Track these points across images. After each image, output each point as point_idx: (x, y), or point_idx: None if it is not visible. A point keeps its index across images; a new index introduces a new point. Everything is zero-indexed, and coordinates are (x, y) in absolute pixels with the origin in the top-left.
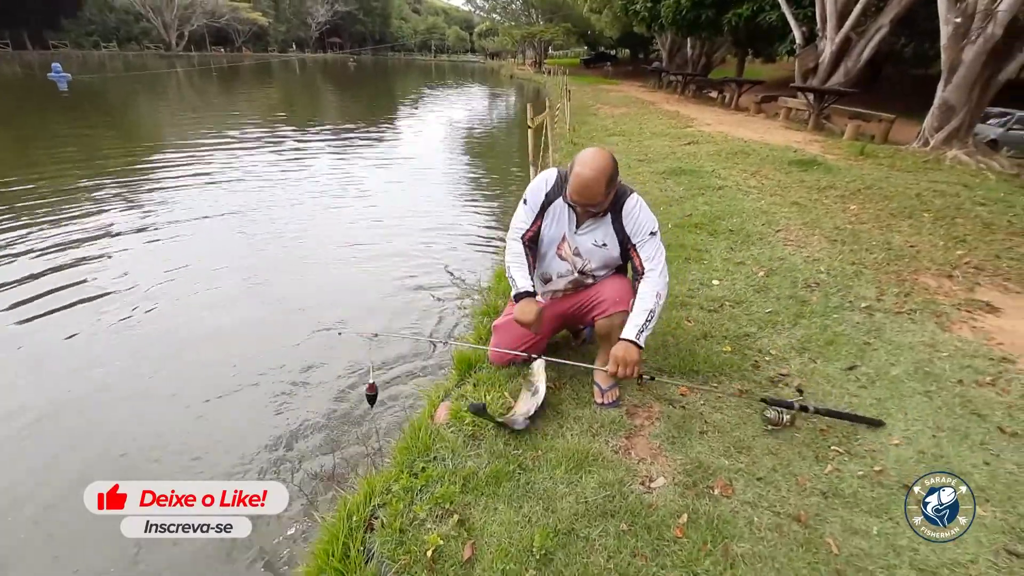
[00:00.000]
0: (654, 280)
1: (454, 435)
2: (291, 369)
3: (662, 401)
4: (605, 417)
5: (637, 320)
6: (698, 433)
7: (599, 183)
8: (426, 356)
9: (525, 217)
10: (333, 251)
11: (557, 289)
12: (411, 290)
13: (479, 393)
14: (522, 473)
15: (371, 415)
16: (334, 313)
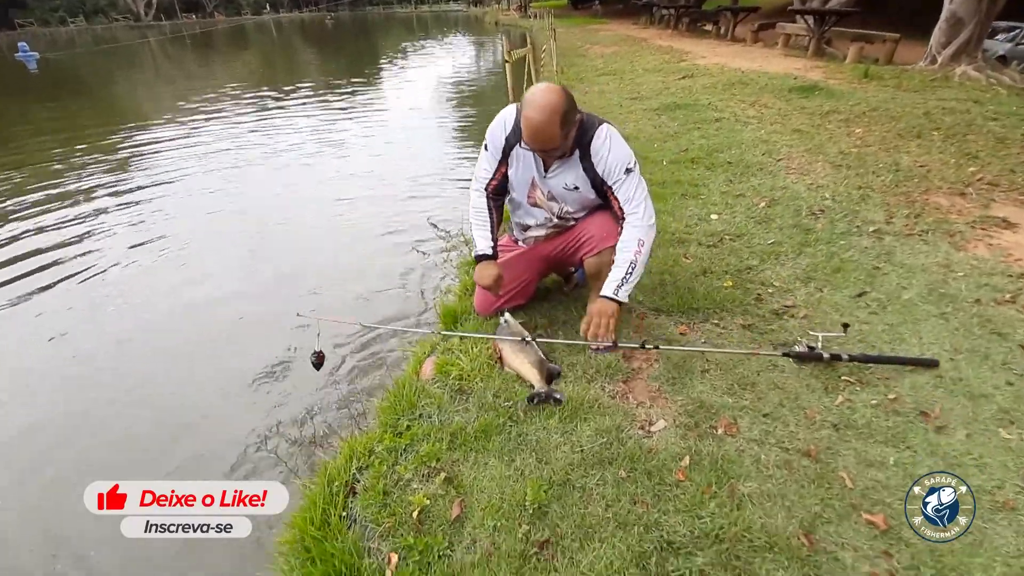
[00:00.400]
0: (636, 225)
1: (440, 391)
2: (272, 340)
3: (659, 341)
4: (601, 362)
5: (616, 274)
6: (699, 372)
7: (551, 125)
8: (411, 313)
9: (487, 165)
10: (316, 210)
11: (538, 236)
12: (395, 246)
13: (466, 346)
14: (513, 425)
15: (353, 378)
16: (318, 276)
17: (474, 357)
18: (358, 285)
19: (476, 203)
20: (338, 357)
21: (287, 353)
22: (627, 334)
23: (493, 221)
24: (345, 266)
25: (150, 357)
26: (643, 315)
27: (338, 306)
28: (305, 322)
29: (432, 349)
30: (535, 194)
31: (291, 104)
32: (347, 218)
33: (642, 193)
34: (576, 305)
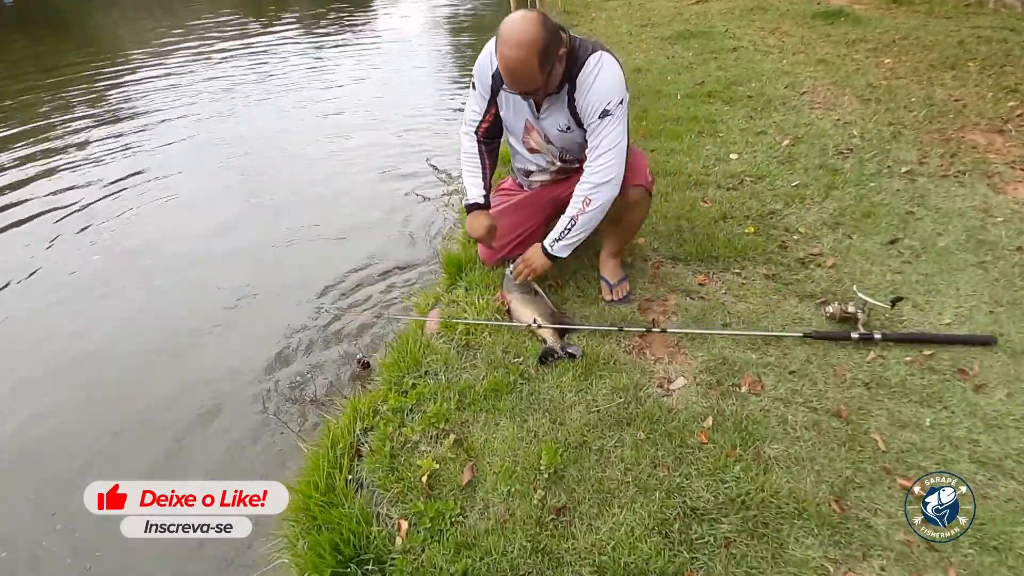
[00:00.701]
0: (585, 180)
1: (446, 346)
2: (266, 292)
3: (678, 292)
4: (615, 314)
5: (556, 226)
6: (720, 327)
7: (528, 63)
8: (413, 263)
9: (476, 105)
10: (313, 156)
11: (543, 180)
12: (395, 190)
13: (471, 298)
14: (525, 384)
15: (355, 332)
16: (323, 231)
17: (481, 309)
18: (362, 238)
19: (466, 147)
20: (337, 310)
21: (298, 323)
22: (643, 284)
23: (485, 166)
24: (348, 216)
25: (153, 332)
26: (659, 263)
27: (343, 264)
28: (313, 295)
29: (436, 301)
30: (531, 138)
31: (277, 32)
32: (345, 158)
33: (610, 142)
34: (588, 253)
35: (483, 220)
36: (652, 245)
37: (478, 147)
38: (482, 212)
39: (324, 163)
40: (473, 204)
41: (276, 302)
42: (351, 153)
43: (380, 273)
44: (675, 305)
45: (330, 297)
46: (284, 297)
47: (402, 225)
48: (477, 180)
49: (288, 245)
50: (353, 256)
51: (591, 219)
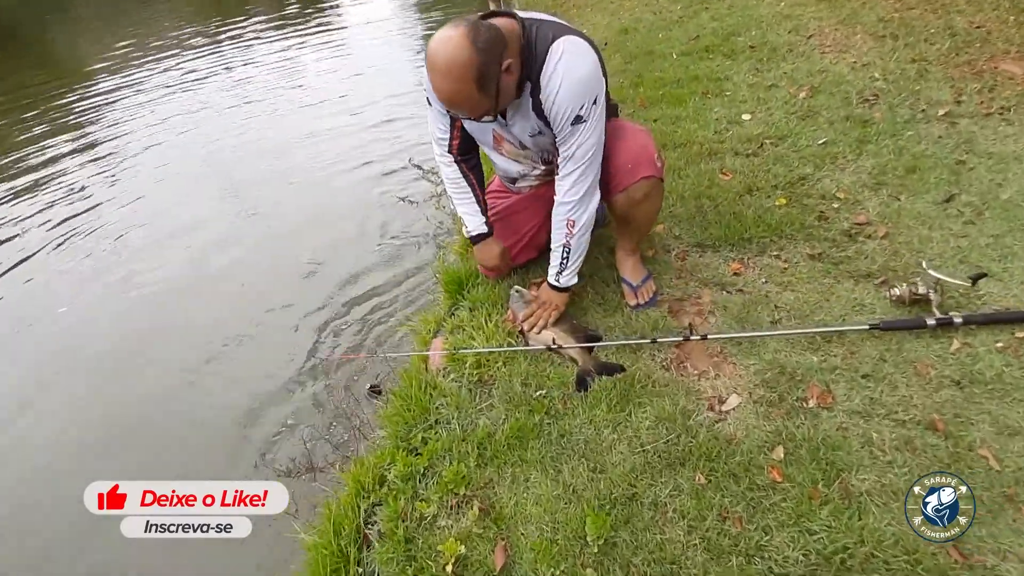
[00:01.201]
0: (562, 201)
1: (455, 384)
2: (253, 328)
3: (711, 287)
4: (644, 322)
5: (553, 259)
6: (768, 324)
7: (464, 92)
8: (405, 278)
9: (439, 123)
10: (290, 161)
11: (532, 185)
12: (378, 195)
13: (478, 320)
14: (552, 422)
15: (352, 373)
16: (311, 242)
17: (490, 334)
18: (349, 256)
19: (447, 174)
20: (329, 346)
21: (284, 360)
22: (669, 280)
23: (474, 187)
24: (333, 225)
25: (150, 341)
26: (684, 253)
27: (331, 284)
28: (303, 335)
29: (438, 326)
30: (503, 147)
31: (246, 34)
32: (325, 160)
33: (584, 152)
34: (601, 250)
35: (493, 248)
36: (672, 232)
37: (459, 169)
38: (488, 241)
39: (304, 169)
40: (476, 236)
41: (262, 346)
42: (331, 155)
43: (372, 297)
44: (711, 303)
45: (319, 333)
46: (271, 339)
47: (390, 236)
48: (472, 207)
49: (273, 272)
50: (340, 279)
51: (582, 239)
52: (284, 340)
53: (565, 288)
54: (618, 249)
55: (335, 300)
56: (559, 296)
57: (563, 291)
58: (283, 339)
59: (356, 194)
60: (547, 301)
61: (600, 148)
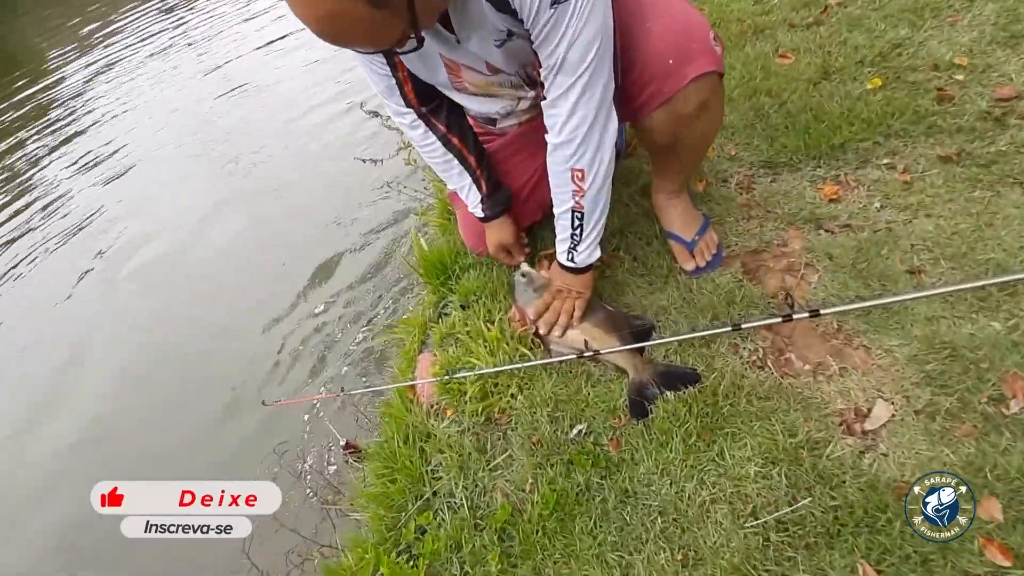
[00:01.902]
0: (558, 141)
1: (455, 428)
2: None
3: (800, 225)
4: (712, 296)
5: (559, 230)
6: (906, 276)
7: (342, 18)
8: (380, 278)
9: (379, 70)
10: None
11: (519, 121)
12: (329, 159)
13: (474, 323)
14: (604, 478)
15: (314, 417)
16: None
17: (494, 342)
18: (296, 247)
19: (414, 137)
20: (282, 371)
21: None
22: (733, 224)
23: (459, 147)
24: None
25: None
26: (748, 181)
27: (280, 294)
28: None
29: (423, 335)
30: (466, 79)
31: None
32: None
33: (581, 50)
34: (629, 190)
35: (504, 230)
36: (725, 150)
37: (427, 126)
38: (495, 222)
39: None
40: (484, 217)
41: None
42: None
43: (332, 304)
44: (805, 252)
45: (266, 361)
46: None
47: (349, 214)
48: (462, 178)
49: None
50: (293, 286)
51: (600, 193)
52: (219, 373)
53: (585, 268)
54: (657, 192)
55: (285, 314)
56: (579, 279)
57: (582, 272)
58: (218, 372)
59: (303, 161)
60: (564, 288)
61: (607, 39)
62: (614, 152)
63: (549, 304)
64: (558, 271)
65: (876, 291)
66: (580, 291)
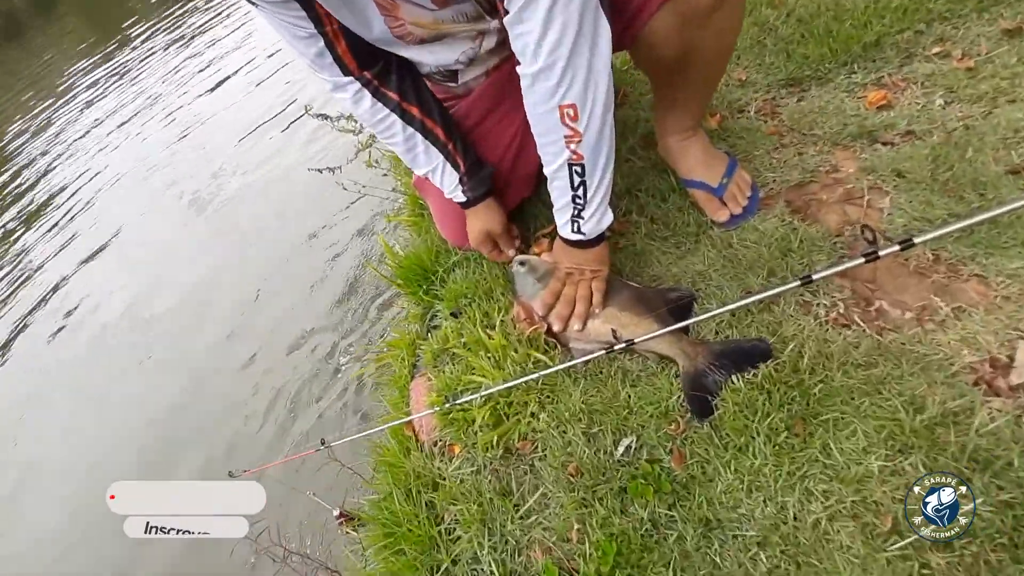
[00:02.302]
0: (535, 71)
1: (469, 469)
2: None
3: (844, 142)
4: (760, 248)
5: (556, 197)
6: (1005, 175)
7: None
8: (355, 299)
9: (301, 37)
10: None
11: (485, 71)
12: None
13: (474, 330)
14: (677, 511)
15: (292, 481)
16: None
17: (499, 351)
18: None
19: (366, 116)
20: (251, 427)
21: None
22: (763, 157)
23: (422, 118)
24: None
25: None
26: (771, 105)
27: (245, 333)
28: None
29: (413, 355)
30: (406, 17)
31: (139, 47)
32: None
33: None
34: (627, 140)
35: (490, 215)
36: (734, 76)
37: (377, 97)
38: (479, 206)
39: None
40: (469, 199)
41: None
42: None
43: (308, 337)
44: (864, 174)
45: (237, 413)
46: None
47: (309, 232)
48: (431, 158)
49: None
50: (256, 323)
51: (600, 138)
52: (183, 441)
53: (596, 238)
54: (666, 135)
55: (252, 359)
56: (591, 254)
57: (594, 244)
58: (181, 440)
59: (258, 187)
60: (574, 269)
61: None
62: (611, 76)
63: (558, 293)
64: (563, 249)
65: (973, 204)
66: (595, 269)
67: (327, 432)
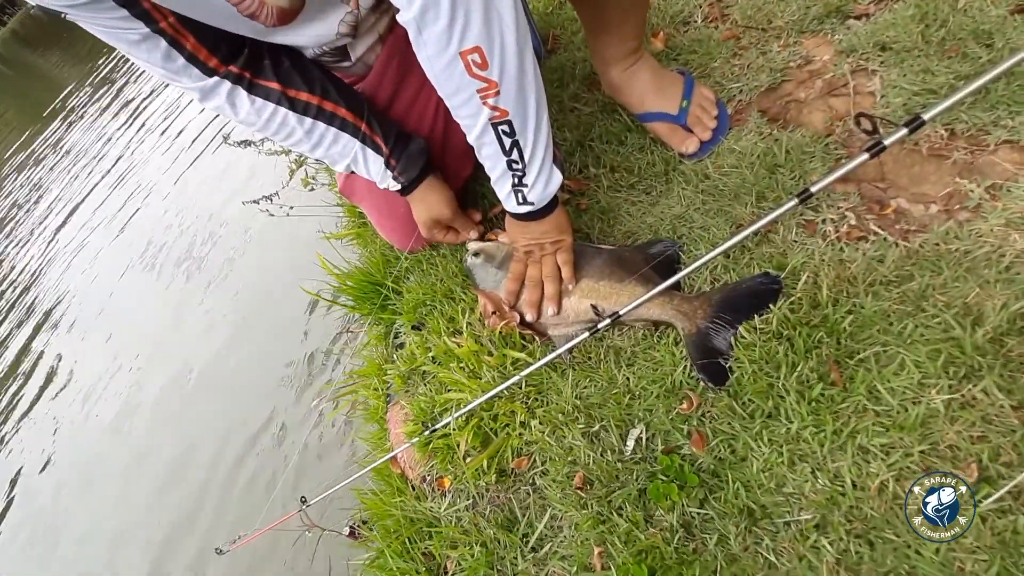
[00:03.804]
0: (416, 15)
1: (464, 503)
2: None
3: (810, 28)
4: (744, 169)
5: (491, 167)
6: (1010, 15)
7: None
8: (310, 332)
9: (134, 42)
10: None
11: (379, 38)
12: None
13: (441, 340)
14: (711, 508)
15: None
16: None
17: (469, 358)
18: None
19: (250, 118)
20: (234, 498)
21: None
22: (724, 68)
23: (319, 102)
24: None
25: None
26: (717, 11)
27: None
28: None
29: (381, 378)
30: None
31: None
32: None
33: None
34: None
35: (436, 198)
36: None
37: (257, 94)
38: (420, 189)
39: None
40: (408, 181)
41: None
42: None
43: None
44: (843, 56)
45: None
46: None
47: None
48: (346, 144)
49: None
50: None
51: (522, 85)
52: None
53: (548, 205)
54: (607, 67)
55: (213, 429)
56: (547, 224)
57: (546, 212)
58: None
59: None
60: (532, 246)
61: None
62: (522, 6)
63: (522, 276)
64: (515, 225)
65: (981, 58)
66: (556, 240)
67: (310, 488)
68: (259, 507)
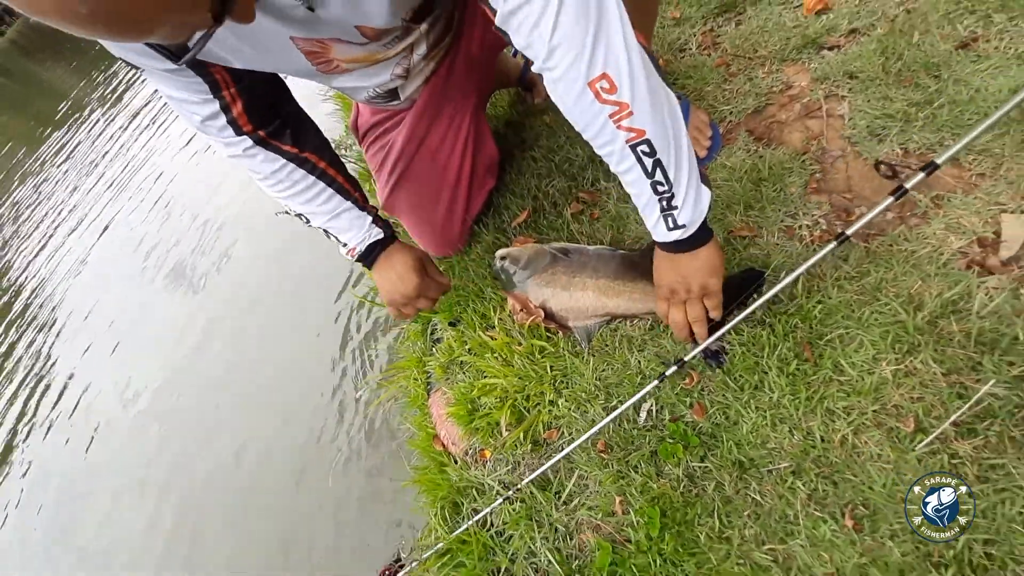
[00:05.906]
0: (554, 67)
1: (505, 468)
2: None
3: (790, 56)
4: (734, 183)
5: (639, 198)
6: (955, 50)
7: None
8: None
9: (192, 102)
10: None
11: (425, 79)
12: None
13: (470, 332)
14: (709, 462)
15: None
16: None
17: (503, 349)
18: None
19: (258, 168)
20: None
21: None
22: (715, 91)
23: (324, 166)
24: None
25: None
26: (710, 38)
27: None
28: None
29: (423, 372)
30: (336, 56)
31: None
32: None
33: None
34: None
35: (407, 264)
36: (668, 16)
37: (273, 151)
38: (391, 250)
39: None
40: (369, 247)
41: None
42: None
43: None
44: (819, 83)
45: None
46: None
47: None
48: (338, 203)
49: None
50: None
51: (655, 103)
52: None
53: (699, 232)
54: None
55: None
56: (702, 260)
57: (699, 242)
58: None
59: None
60: (679, 286)
61: None
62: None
63: (668, 315)
64: (664, 260)
65: (930, 88)
66: (705, 281)
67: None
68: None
